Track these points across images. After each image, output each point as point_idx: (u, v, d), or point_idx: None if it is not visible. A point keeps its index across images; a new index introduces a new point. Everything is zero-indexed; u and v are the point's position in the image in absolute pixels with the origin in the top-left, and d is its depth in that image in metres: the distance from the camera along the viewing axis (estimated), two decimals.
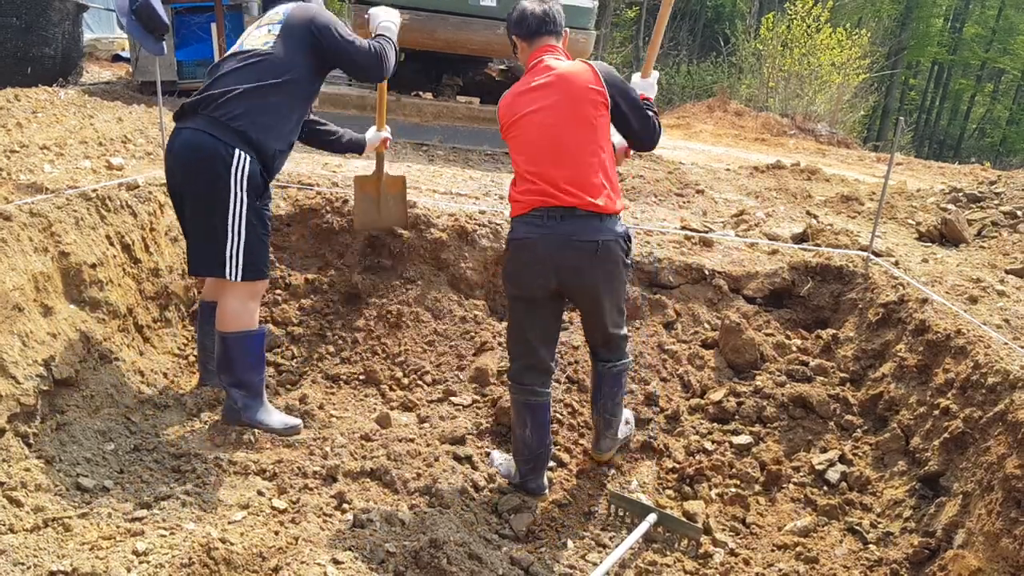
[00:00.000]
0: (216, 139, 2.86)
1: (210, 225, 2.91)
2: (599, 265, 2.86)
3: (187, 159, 2.91)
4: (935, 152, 29.39)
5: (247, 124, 2.88)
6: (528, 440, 3.06)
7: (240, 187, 2.89)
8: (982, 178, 6.77)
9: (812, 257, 4.28)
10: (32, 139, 4.48)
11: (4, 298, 2.66)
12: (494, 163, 6.51)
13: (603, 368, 3.12)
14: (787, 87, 15.21)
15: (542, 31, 3.02)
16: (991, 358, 2.92)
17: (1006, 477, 2.50)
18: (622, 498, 3.09)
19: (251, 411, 3.09)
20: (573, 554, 2.84)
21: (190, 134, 2.91)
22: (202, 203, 2.93)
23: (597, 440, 3.25)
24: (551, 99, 2.88)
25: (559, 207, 2.82)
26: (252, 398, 3.09)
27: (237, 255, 2.93)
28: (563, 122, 2.85)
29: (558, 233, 2.82)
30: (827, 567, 2.80)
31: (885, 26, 25.14)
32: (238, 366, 3.06)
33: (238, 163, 2.87)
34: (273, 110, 2.97)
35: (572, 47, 6.71)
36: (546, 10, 3.02)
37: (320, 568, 2.33)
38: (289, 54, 3.00)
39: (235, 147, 2.87)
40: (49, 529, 2.31)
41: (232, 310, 3.03)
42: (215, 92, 2.93)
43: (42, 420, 2.71)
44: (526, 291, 2.96)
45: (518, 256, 2.94)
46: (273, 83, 2.94)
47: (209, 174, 2.87)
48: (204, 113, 2.91)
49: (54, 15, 7.19)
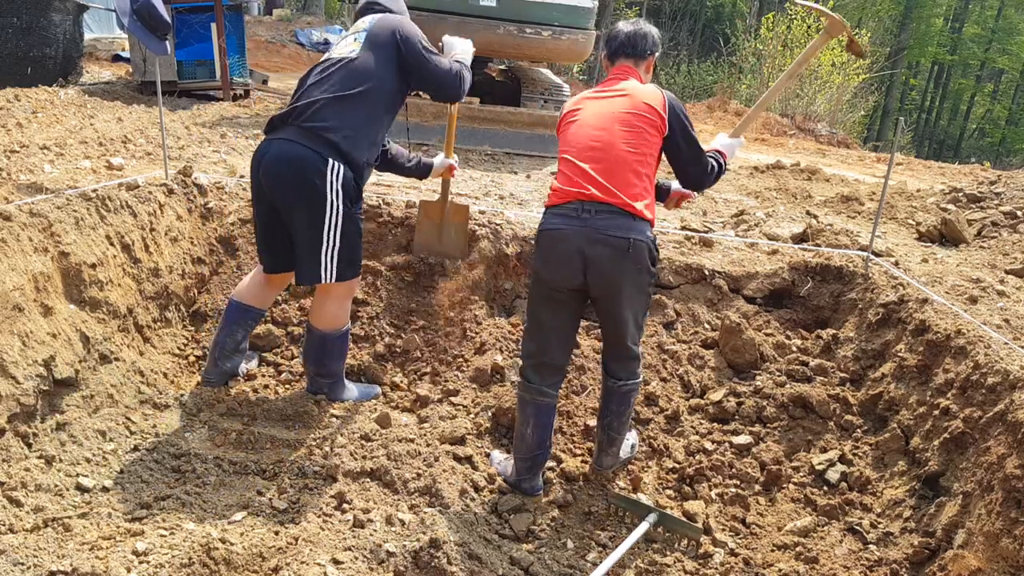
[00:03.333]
0: (309, 149, 2.90)
1: (310, 234, 2.99)
2: (629, 265, 2.84)
3: (281, 171, 2.94)
4: (935, 152, 29.39)
5: (336, 135, 2.93)
6: (528, 439, 3.06)
7: (336, 195, 2.95)
8: (982, 178, 6.77)
9: (812, 257, 4.28)
10: (32, 139, 4.48)
11: (4, 298, 2.66)
12: (494, 163, 6.51)
13: (613, 385, 3.10)
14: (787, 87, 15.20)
15: (620, 53, 3.08)
16: (991, 358, 2.92)
17: (1006, 477, 2.50)
18: (622, 498, 3.09)
19: (333, 393, 3.38)
20: (573, 554, 2.84)
21: (282, 145, 2.94)
22: (302, 214, 2.98)
23: (598, 456, 3.24)
24: (612, 107, 2.93)
25: (595, 202, 2.83)
26: (336, 383, 3.38)
27: (332, 260, 3.04)
28: (617, 128, 2.88)
29: (591, 227, 2.82)
30: (827, 567, 2.80)
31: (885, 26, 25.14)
32: (330, 359, 3.30)
33: (333, 171, 2.92)
34: (360, 120, 3.00)
35: (572, 47, 6.78)
36: (632, 33, 3.07)
37: (320, 568, 2.33)
38: (373, 62, 3.03)
39: (328, 156, 2.91)
40: (49, 529, 2.31)
41: (331, 311, 3.21)
42: (304, 103, 2.97)
43: (42, 420, 2.71)
44: (551, 282, 2.96)
45: (548, 246, 2.93)
46: (358, 91, 2.98)
47: (306, 185, 2.91)
48: (295, 124, 2.95)
49: (54, 15, 7.18)
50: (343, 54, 3.07)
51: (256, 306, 3.40)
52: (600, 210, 2.81)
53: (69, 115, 5.65)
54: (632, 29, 3.07)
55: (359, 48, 3.06)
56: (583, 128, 2.94)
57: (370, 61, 3.04)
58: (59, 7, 7.22)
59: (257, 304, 3.40)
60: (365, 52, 3.05)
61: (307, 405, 3.33)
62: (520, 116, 6.92)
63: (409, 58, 3.10)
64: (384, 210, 4.37)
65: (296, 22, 19.35)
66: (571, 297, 2.97)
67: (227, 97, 7.99)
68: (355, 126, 2.99)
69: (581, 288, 2.92)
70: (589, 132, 2.91)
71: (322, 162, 2.91)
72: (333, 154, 2.93)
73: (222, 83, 8.00)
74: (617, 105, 2.92)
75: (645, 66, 3.10)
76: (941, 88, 33.58)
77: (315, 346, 3.29)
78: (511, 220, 4.47)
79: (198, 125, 6.30)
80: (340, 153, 2.95)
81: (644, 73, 3.10)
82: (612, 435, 3.15)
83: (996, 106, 33.05)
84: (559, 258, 2.88)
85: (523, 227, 4.41)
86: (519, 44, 6.70)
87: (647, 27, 3.10)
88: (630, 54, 3.07)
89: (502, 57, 8.16)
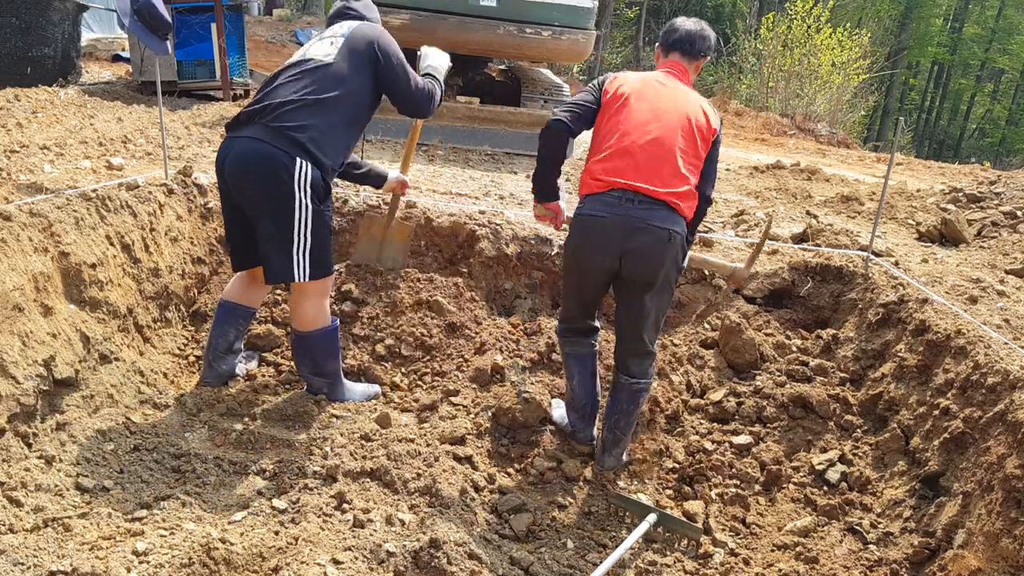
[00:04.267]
0: (277, 148, 2.87)
1: (278, 233, 2.95)
2: (667, 256, 2.89)
3: (247, 169, 2.92)
4: (935, 152, 29.38)
5: (304, 136, 2.90)
6: (576, 391, 3.24)
7: (304, 193, 2.92)
8: (982, 178, 6.77)
9: (812, 257, 4.28)
10: (32, 139, 4.48)
11: (4, 298, 2.66)
12: (494, 163, 6.51)
13: (625, 382, 3.13)
14: (787, 87, 15.20)
15: (676, 48, 3.13)
16: (991, 358, 2.92)
17: (1006, 477, 2.50)
18: (622, 498, 3.09)
19: (334, 393, 3.34)
20: (573, 554, 2.84)
21: (248, 143, 2.91)
22: (267, 212, 2.95)
23: (601, 455, 3.25)
24: (670, 103, 2.96)
25: (638, 193, 2.86)
26: (333, 383, 3.34)
27: (305, 258, 3.00)
28: (677, 127, 2.92)
29: (633, 216, 2.85)
30: (827, 567, 2.79)
31: (885, 26, 25.14)
32: (319, 359, 3.26)
33: (301, 170, 2.89)
34: (328, 125, 2.97)
35: (572, 47, 6.78)
36: (692, 31, 3.12)
37: (320, 568, 2.33)
38: (348, 70, 3.01)
39: (296, 156, 2.88)
40: (49, 529, 2.31)
41: (308, 311, 3.15)
42: (273, 102, 2.94)
43: (42, 420, 2.71)
44: (586, 266, 3.02)
45: (586, 232, 2.96)
46: (330, 96, 2.96)
47: (273, 183, 2.88)
48: (262, 123, 2.91)
49: (54, 15, 7.18)
50: (318, 57, 3.04)
51: (244, 304, 3.38)
52: (643, 200, 2.86)
53: (69, 115, 5.65)
54: (694, 28, 3.13)
55: (335, 53, 3.03)
56: (637, 114, 2.94)
57: (345, 68, 3.01)
58: (58, 7, 7.21)
59: (245, 302, 3.38)
60: (341, 58, 3.02)
61: (307, 405, 3.33)
62: (520, 116, 6.92)
63: (385, 72, 3.08)
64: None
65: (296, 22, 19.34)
66: (599, 278, 3.06)
67: (227, 97, 7.99)
68: (324, 130, 2.95)
69: (611, 270, 2.98)
70: (643, 119, 2.93)
71: (290, 160, 2.88)
72: (301, 154, 2.90)
73: (222, 83, 8.00)
74: (676, 104, 2.96)
75: (696, 66, 3.17)
76: (941, 88, 33.57)
77: (303, 349, 3.26)
78: (511, 220, 4.47)
79: (198, 125, 6.30)
80: (308, 154, 2.91)
81: (693, 73, 3.16)
82: (618, 435, 3.17)
83: (996, 106, 33.05)
84: (596, 244, 2.93)
85: (523, 227, 4.41)
86: (519, 44, 6.69)
87: (708, 30, 3.17)
88: (686, 51, 3.12)
89: (502, 57, 8.15)
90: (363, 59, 3.05)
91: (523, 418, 3.37)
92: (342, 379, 3.40)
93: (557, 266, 4.30)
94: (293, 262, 2.99)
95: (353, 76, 3.03)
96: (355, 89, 3.04)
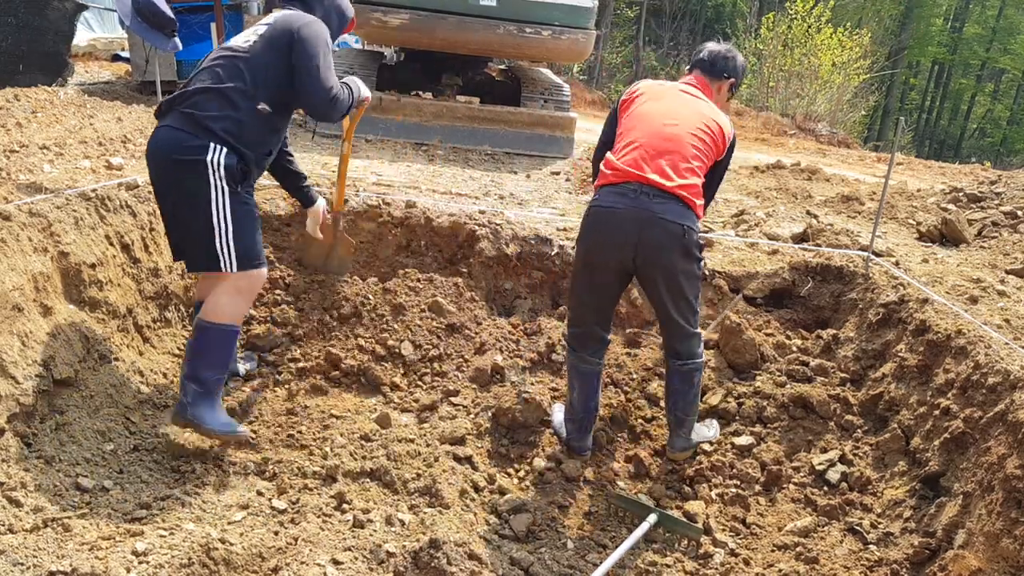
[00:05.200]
0: (188, 134, 2.81)
1: (196, 220, 2.85)
2: (681, 251, 2.93)
3: (163, 157, 2.87)
4: (935, 152, 29.37)
5: (217, 124, 2.82)
6: (575, 402, 3.24)
7: (218, 176, 2.82)
8: (982, 178, 6.77)
9: (812, 257, 4.28)
10: (32, 139, 4.47)
11: (4, 298, 2.66)
12: (494, 163, 6.51)
13: (673, 365, 3.19)
14: (787, 87, 15.21)
15: (697, 66, 3.25)
16: (991, 358, 2.92)
17: (1006, 477, 2.50)
18: (622, 498, 3.09)
19: (197, 407, 2.89)
20: (573, 554, 2.83)
21: (165, 131, 2.87)
22: (184, 199, 2.87)
23: (670, 438, 3.32)
24: (687, 107, 3.06)
25: (653, 187, 2.90)
26: (203, 395, 2.92)
27: (228, 245, 2.87)
28: (690, 128, 3.00)
29: (648, 209, 2.89)
30: (827, 567, 2.79)
31: (885, 26, 25.14)
32: (206, 359, 2.94)
33: (213, 154, 2.81)
34: (242, 115, 2.88)
35: (572, 47, 6.78)
36: (714, 52, 3.23)
37: (320, 568, 2.33)
38: (263, 60, 2.93)
39: (209, 141, 2.81)
40: (49, 529, 2.31)
41: (222, 302, 2.94)
42: (190, 89, 2.91)
43: (42, 420, 2.71)
44: (598, 259, 3.03)
45: (600, 224, 2.99)
46: (241, 87, 2.88)
47: (186, 168, 2.81)
48: (178, 109, 2.88)
49: (52, 14, 7.18)
50: (237, 44, 2.98)
51: None
52: (657, 195, 2.89)
53: (69, 115, 5.64)
54: (717, 49, 3.25)
55: (254, 41, 2.97)
56: (654, 114, 3.04)
57: (260, 58, 2.93)
58: (57, 6, 7.21)
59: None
60: (260, 46, 2.94)
61: (307, 405, 3.33)
62: (520, 116, 6.92)
63: (296, 59, 2.93)
64: (384, 210, 4.37)
65: None
66: (611, 276, 3.06)
67: None
68: (239, 118, 2.87)
69: (627, 266, 2.99)
70: (660, 118, 3.01)
71: (202, 146, 2.80)
72: (213, 139, 2.82)
73: None
74: (692, 106, 3.06)
75: (718, 87, 3.24)
76: (941, 88, 33.57)
77: (196, 341, 2.97)
78: (511, 220, 4.47)
79: None
80: (221, 140, 2.83)
81: (716, 93, 3.23)
82: (679, 416, 3.23)
83: (997, 106, 33.06)
84: (609, 236, 2.95)
85: (523, 227, 4.41)
86: (519, 44, 6.70)
87: (735, 52, 3.26)
88: (707, 70, 3.23)
89: (502, 57, 8.15)
90: (281, 48, 2.94)
91: (523, 418, 3.37)
92: (216, 400, 2.98)
93: (557, 266, 4.30)
94: (217, 250, 2.86)
95: (269, 67, 2.93)
96: (270, 80, 2.94)
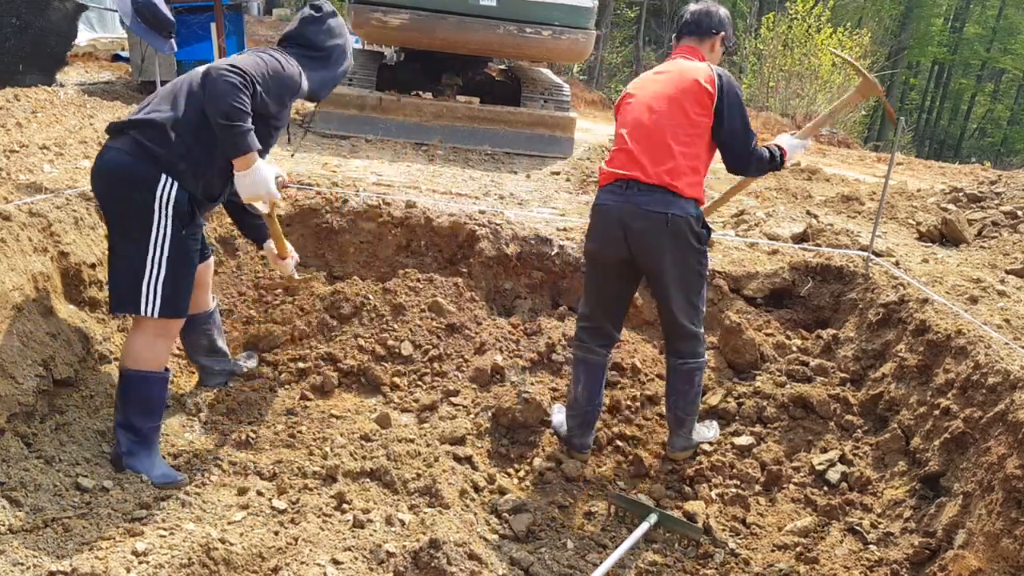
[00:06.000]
0: (139, 161, 2.62)
1: (129, 254, 2.66)
2: (669, 240, 2.96)
3: (107, 180, 2.67)
4: (935, 152, 29.37)
5: (172, 152, 2.63)
6: (579, 396, 3.24)
7: (165, 214, 2.63)
8: (982, 178, 6.76)
9: (812, 257, 4.28)
10: (32, 139, 4.47)
11: (4, 298, 2.66)
12: (494, 163, 6.51)
13: (672, 363, 3.21)
14: (787, 87, 15.21)
15: (684, 31, 3.22)
16: (991, 358, 2.92)
17: (1006, 477, 2.50)
18: (622, 498, 3.09)
19: (133, 457, 2.72)
20: (573, 554, 2.83)
21: (114, 154, 2.66)
22: (122, 229, 2.68)
23: (670, 438, 3.33)
24: (660, 86, 3.07)
25: (636, 180, 2.97)
26: (139, 444, 2.74)
27: (155, 289, 2.67)
28: (663, 107, 3.01)
29: (632, 202, 2.98)
30: (827, 567, 2.79)
31: (885, 26, 25.14)
32: (132, 407, 2.73)
33: (164, 188, 2.62)
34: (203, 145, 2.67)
35: (572, 47, 6.77)
36: (696, 11, 3.19)
37: (320, 568, 2.33)
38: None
39: (161, 172, 2.62)
40: (49, 529, 2.31)
41: (138, 346, 2.74)
42: (144, 117, 2.68)
43: (42, 420, 2.71)
44: (600, 254, 3.14)
45: (597, 221, 3.12)
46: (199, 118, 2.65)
47: (131, 198, 2.63)
48: (131, 133, 2.66)
49: (53, 15, 7.18)
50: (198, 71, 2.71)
51: (196, 313, 3.19)
52: (641, 188, 2.97)
53: (69, 115, 5.64)
54: (697, 8, 3.20)
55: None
56: (634, 108, 3.09)
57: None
58: (58, 7, 7.21)
59: (195, 311, 3.17)
60: None
61: (307, 405, 3.33)
62: (520, 116, 6.91)
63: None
64: (384, 210, 4.37)
65: None
66: (619, 270, 3.14)
67: None
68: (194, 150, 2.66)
69: (628, 261, 3.07)
70: (637, 111, 3.06)
71: (152, 179, 2.61)
72: (166, 171, 2.62)
73: None
74: (664, 84, 3.06)
75: (709, 44, 3.20)
76: (942, 88, 33.56)
77: (120, 389, 2.77)
78: (511, 220, 4.47)
79: None
80: (174, 172, 2.64)
81: (708, 52, 3.20)
82: (680, 415, 3.24)
83: (998, 106, 33.04)
84: (605, 232, 3.07)
85: (523, 227, 4.41)
86: (519, 44, 6.70)
87: (715, 6, 3.21)
88: (693, 31, 3.20)
89: (502, 57, 8.15)
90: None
91: (523, 418, 3.37)
92: (152, 447, 2.78)
93: (557, 266, 4.30)
94: (141, 292, 2.65)
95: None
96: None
